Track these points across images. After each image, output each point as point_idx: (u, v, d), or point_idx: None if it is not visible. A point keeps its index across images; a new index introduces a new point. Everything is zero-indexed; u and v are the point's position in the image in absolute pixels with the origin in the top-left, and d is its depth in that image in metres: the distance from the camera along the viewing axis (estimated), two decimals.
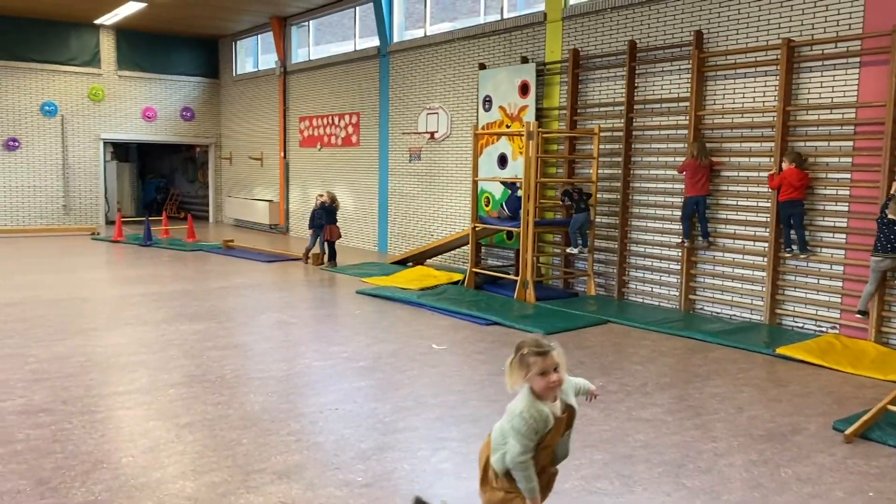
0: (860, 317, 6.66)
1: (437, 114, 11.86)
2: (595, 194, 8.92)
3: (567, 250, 9.13)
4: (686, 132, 8.14)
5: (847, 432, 4.39)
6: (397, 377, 5.56)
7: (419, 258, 11.31)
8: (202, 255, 12.53)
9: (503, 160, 10.35)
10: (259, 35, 17.39)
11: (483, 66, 10.73)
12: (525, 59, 10.10)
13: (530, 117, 9.72)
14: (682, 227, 8.12)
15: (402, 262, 11.32)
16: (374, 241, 13.62)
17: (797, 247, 7.16)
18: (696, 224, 8.03)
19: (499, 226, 9.54)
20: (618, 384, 5.48)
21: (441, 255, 11.53)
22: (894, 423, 4.52)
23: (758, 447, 4.26)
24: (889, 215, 6.31)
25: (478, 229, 9.58)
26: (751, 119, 7.67)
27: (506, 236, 10.32)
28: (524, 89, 9.94)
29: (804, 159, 7.12)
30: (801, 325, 7.33)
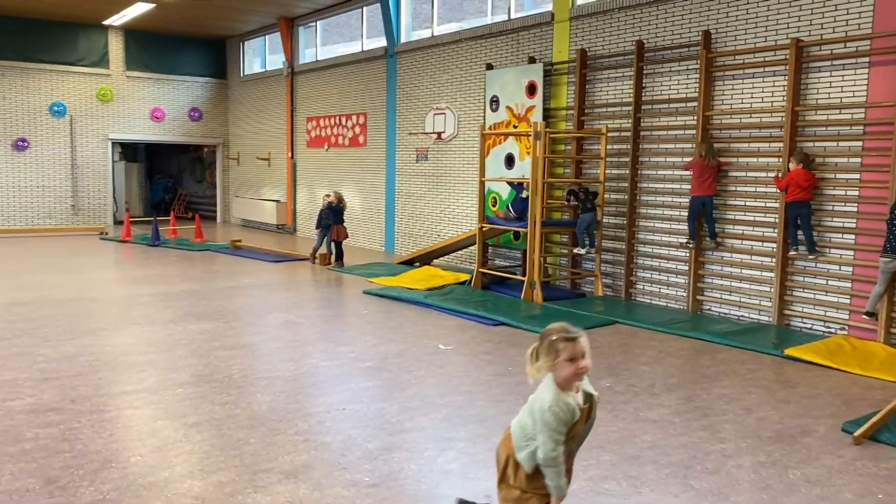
0: (868, 318, 6.63)
1: (445, 114, 11.86)
2: (602, 194, 8.91)
3: (574, 251, 9.11)
4: (694, 132, 8.12)
5: (856, 434, 4.37)
6: (404, 377, 5.56)
7: (426, 258, 11.31)
8: (210, 255, 12.56)
9: (510, 160, 10.34)
10: (267, 35, 17.44)
11: (490, 67, 10.73)
12: (532, 60, 10.09)
13: (537, 117, 9.71)
14: (688, 228, 8.11)
15: (409, 263, 11.32)
16: (381, 241, 13.63)
17: (805, 248, 7.13)
18: (704, 225, 8.01)
19: (506, 226, 9.53)
20: (625, 385, 5.47)
21: (448, 256, 11.53)
22: None
23: (766, 448, 4.24)
24: None
25: (485, 229, 9.58)
26: (759, 119, 7.64)
27: (513, 236, 10.31)
28: (531, 89, 9.93)
29: (811, 160, 7.09)
30: (809, 326, 7.30)
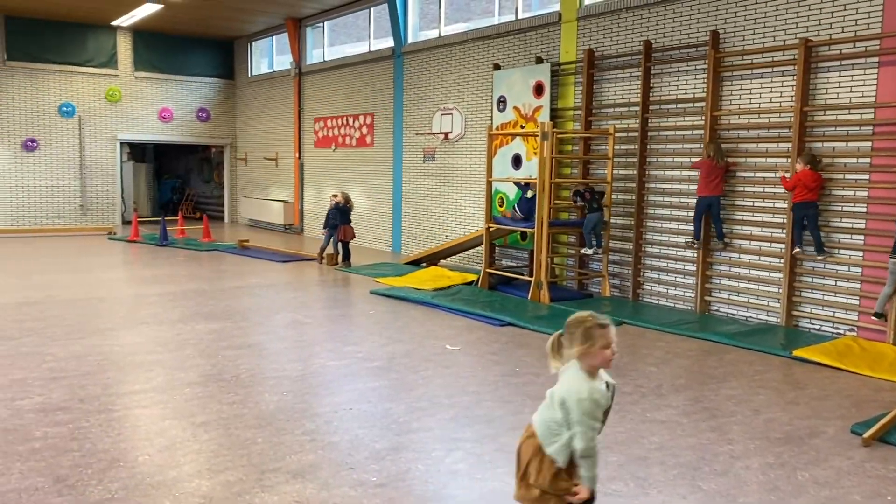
0: (877, 319, 6.59)
1: (452, 114, 11.86)
2: (610, 195, 8.89)
3: (581, 251, 9.09)
4: (702, 132, 8.09)
5: (865, 436, 4.35)
6: (411, 377, 5.57)
7: (433, 258, 11.31)
8: (217, 255, 12.60)
9: (517, 161, 10.33)
10: (274, 36, 17.47)
11: (497, 67, 10.72)
12: (540, 60, 10.08)
13: (545, 118, 9.70)
14: (693, 228, 8.09)
15: (416, 263, 11.33)
16: (388, 241, 13.64)
17: (814, 248, 7.10)
18: (711, 225, 7.99)
19: (513, 226, 9.52)
20: (633, 386, 5.46)
21: (455, 256, 11.53)
22: None
23: (774, 450, 4.23)
24: None
25: (492, 230, 9.57)
26: (767, 119, 7.62)
27: (520, 237, 10.30)
28: (539, 90, 9.92)
29: (818, 161, 7.06)
30: (818, 327, 7.27)
